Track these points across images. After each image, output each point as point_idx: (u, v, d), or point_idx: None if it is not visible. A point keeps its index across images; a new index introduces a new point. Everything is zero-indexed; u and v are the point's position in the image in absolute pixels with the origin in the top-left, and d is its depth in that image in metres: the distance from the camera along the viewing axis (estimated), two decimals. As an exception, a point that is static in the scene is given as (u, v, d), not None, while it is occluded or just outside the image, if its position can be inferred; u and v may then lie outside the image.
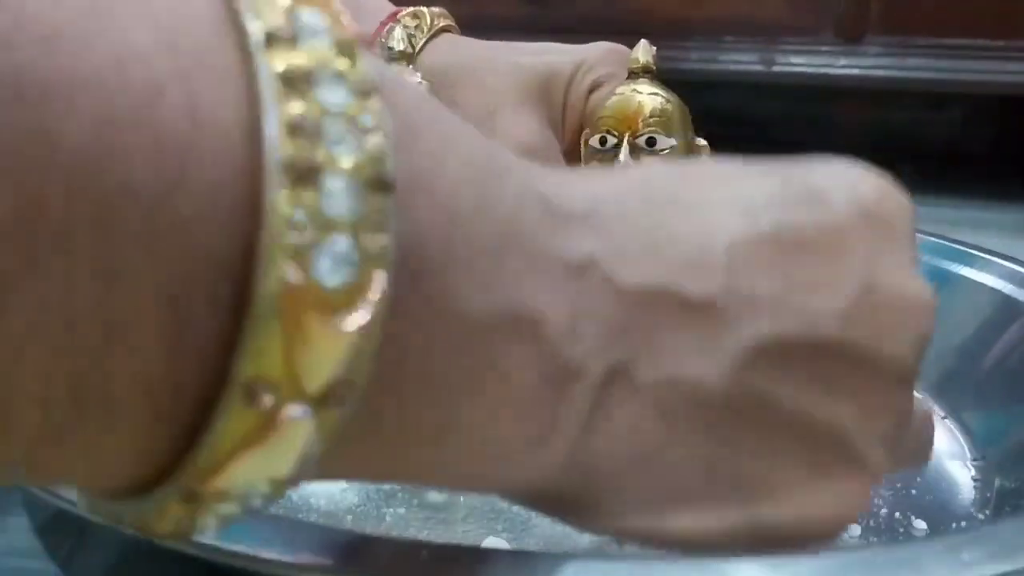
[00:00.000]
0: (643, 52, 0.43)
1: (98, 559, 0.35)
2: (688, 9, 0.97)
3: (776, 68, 0.93)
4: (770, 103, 1.15)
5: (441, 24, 0.55)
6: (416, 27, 0.53)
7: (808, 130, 1.16)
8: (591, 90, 0.49)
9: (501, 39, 1.03)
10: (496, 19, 0.99)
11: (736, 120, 1.13)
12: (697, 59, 0.94)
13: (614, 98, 0.42)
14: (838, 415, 0.22)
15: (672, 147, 0.42)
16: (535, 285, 0.20)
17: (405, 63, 0.51)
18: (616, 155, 0.41)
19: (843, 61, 0.91)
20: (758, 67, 0.93)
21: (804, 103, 1.14)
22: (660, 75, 0.44)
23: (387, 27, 0.53)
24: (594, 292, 0.20)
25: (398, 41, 0.51)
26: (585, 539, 0.35)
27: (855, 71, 0.91)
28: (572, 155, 0.51)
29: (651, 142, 0.41)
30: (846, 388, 0.22)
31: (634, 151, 0.41)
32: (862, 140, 1.14)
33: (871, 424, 0.23)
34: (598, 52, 0.52)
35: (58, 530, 0.36)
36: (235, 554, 0.24)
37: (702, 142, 0.43)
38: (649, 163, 0.33)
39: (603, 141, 0.42)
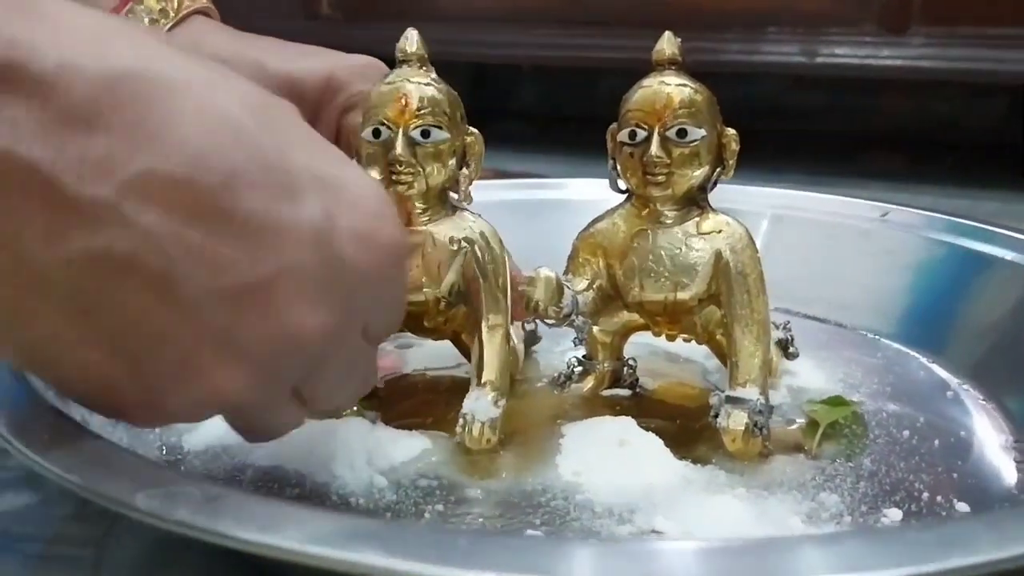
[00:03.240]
0: (668, 43, 0.43)
1: (132, 546, 0.36)
2: (729, 0, 0.97)
3: (819, 60, 0.92)
4: (812, 94, 1.14)
5: (192, 7, 0.50)
6: (161, 11, 0.49)
7: (850, 121, 1.15)
8: (344, 111, 0.47)
9: (537, 32, 1.04)
10: (532, 11, 0.99)
11: (778, 111, 1.13)
12: (739, 51, 0.93)
13: (641, 90, 0.42)
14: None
15: (703, 138, 0.41)
16: None
17: None
18: (647, 148, 0.41)
19: (886, 52, 0.90)
20: (800, 59, 0.92)
21: (846, 94, 1.13)
22: (701, 66, 0.43)
23: (126, 8, 0.49)
24: None
25: None
26: (624, 530, 0.36)
27: (898, 62, 0.90)
28: None
29: (682, 133, 0.41)
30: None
31: (664, 143, 0.41)
32: (905, 131, 1.14)
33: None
34: (349, 69, 0.49)
35: (93, 518, 0.37)
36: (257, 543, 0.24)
37: (731, 132, 0.43)
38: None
39: (632, 135, 0.42)
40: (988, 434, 0.44)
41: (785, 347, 0.50)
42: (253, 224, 0.27)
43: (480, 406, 0.41)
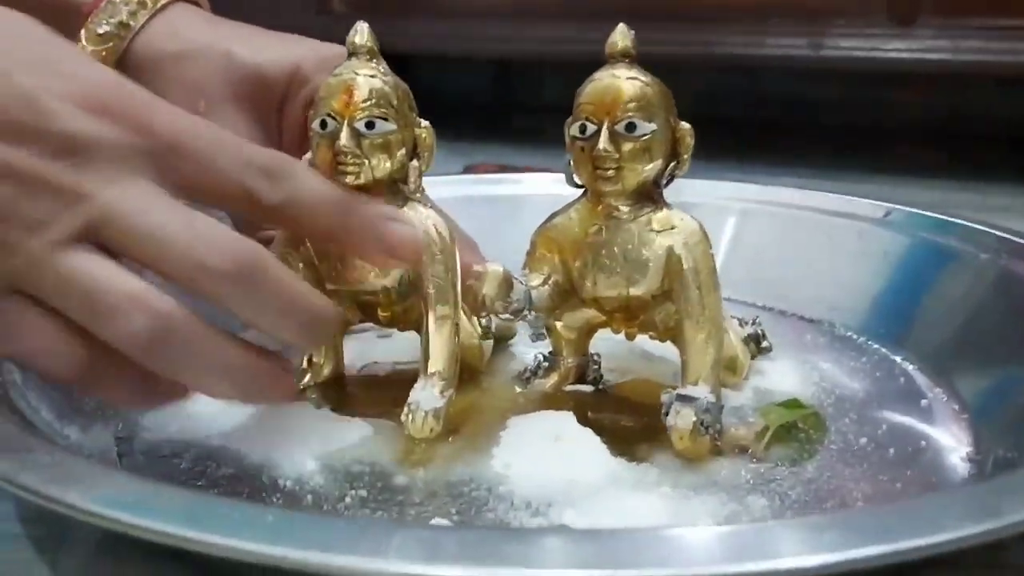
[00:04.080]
0: (621, 36, 0.42)
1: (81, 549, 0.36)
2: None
3: (824, 52, 0.89)
4: (826, 86, 1.11)
5: None
6: (139, 2, 0.50)
7: (869, 113, 1.12)
8: (307, 103, 0.47)
9: (542, 26, 1.04)
10: (543, 5, 1.00)
11: (789, 103, 1.10)
12: (743, 43, 0.91)
13: (592, 84, 0.42)
14: None
15: (653, 132, 0.41)
16: None
17: (113, 44, 0.49)
18: (596, 142, 0.41)
19: (895, 44, 0.87)
20: (806, 51, 0.90)
21: (863, 86, 1.10)
22: (704, 59, 0.43)
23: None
24: None
25: (105, 21, 0.49)
26: (534, 523, 0.36)
27: (907, 55, 0.87)
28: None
29: (631, 127, 0.41)
30: None
31: (614, 137, 0.41)
32: (927, 123, 1.10)
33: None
34: (316, 60, 0.50)
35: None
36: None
37: (686, 126, 0.42)
38: None
39: (583, 129, 0.41)
40: (949, 445, 0.42)
41: (758, 341, 0.49)
42: None
43: (425, 396, 0.42)
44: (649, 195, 0.43)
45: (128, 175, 0.31)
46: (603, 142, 0.41)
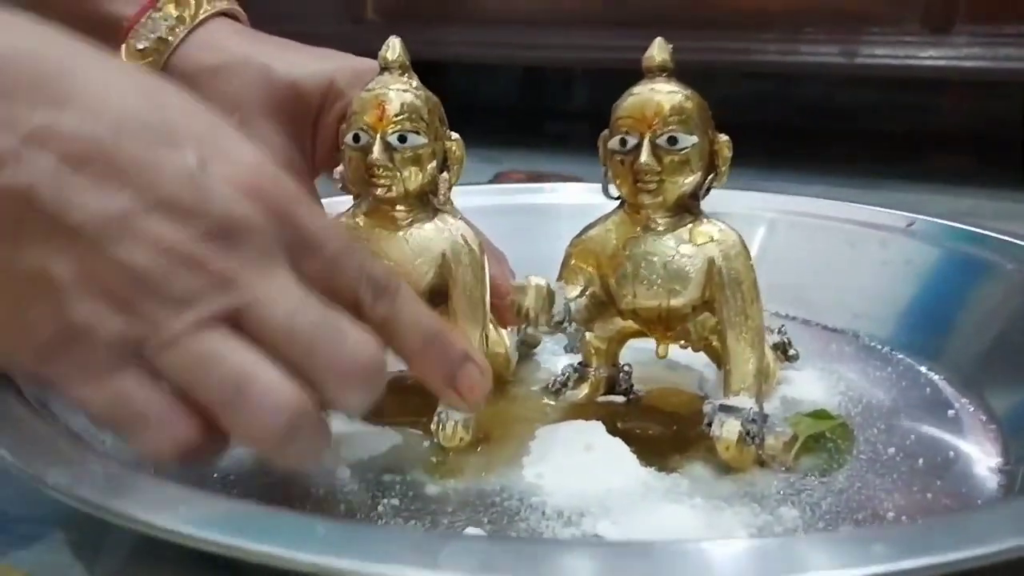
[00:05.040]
0: (659, 50, 0.42)
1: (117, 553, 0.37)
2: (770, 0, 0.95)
3: (859, 60, 0.89)
4: (860, 93, 1.11)
5: (211, 11, 0.51)
6: (178, 17, 0.50)
7: (902, 121, 1.11)
8: (341, 117, 0.46)
9: (579, 33, 1.04)
10: (573, 13, 1.00)
11: (822, 110, 1.10)
12: (777, 51, 0.91)
13: (632, 98, 0.42)
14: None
15: (693, 145, 0.41)
16: None
17: (152, 60, 0.50)
18: (637, 156, 0.41)
19: (929, 52, 0.87)
20: (840, 59, 0.90)
21: (897, 93, 1.10)
22: (739, 67, 0.43)
23: (145, 15, 0.50)
24: None
25: (145, 36, 0.50)
26: (567, 533, 0.36)
27: (941, 62, 0.87)
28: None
29: (672, 141, 0.41)
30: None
31: (655, 151, 0.41)
32: (961, 130, 1.09)
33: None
34: (351, 74, 0.50)
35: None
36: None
37: (723, 138, 0.42)
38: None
39: (623, 142, 0.42)
40: (978, 456, 0.42)
41: (784, 350, 0.49)
42: (135, 165, 0.30)
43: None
44: (687, 207, 0.43)
45: (272, 263, 0.31)
46: (645, 155, 0.41)
